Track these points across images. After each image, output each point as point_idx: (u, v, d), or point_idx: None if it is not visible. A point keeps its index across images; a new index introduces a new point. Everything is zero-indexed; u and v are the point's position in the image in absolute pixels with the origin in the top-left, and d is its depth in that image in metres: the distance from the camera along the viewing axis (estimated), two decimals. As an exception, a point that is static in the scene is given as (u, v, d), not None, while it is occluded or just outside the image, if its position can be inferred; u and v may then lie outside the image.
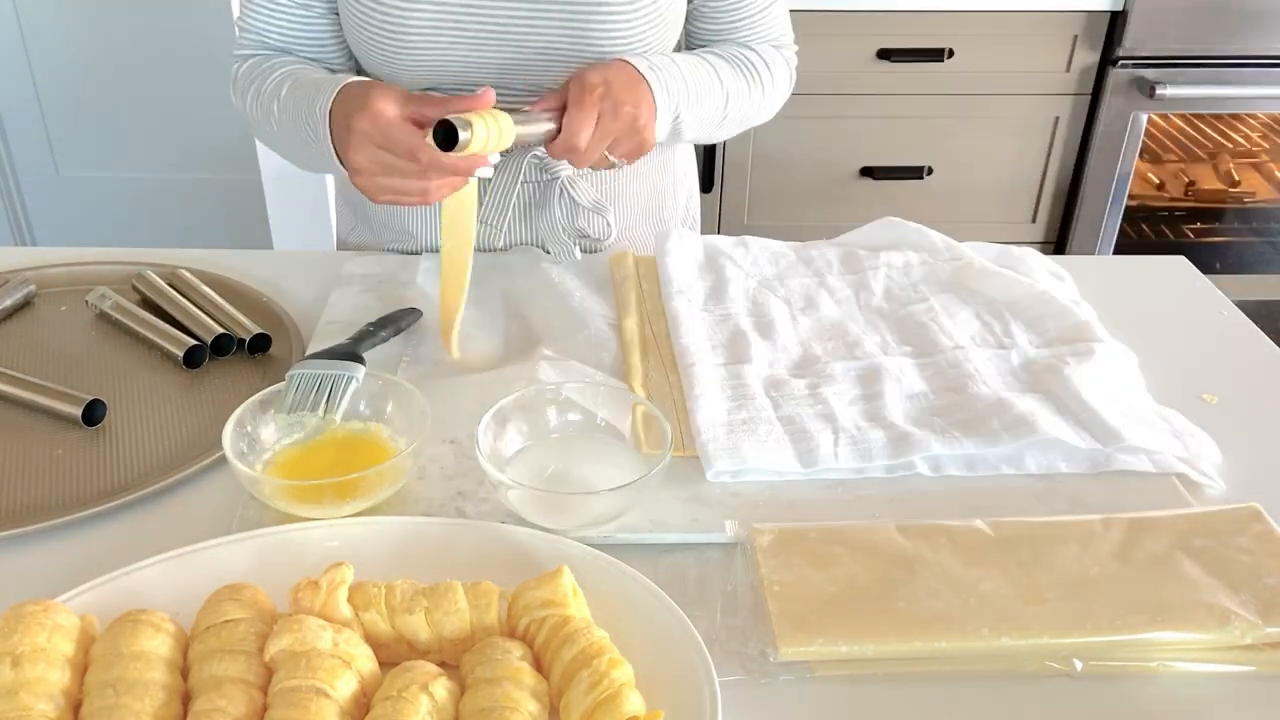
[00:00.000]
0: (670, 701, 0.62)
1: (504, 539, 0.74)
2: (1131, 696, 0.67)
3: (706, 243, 1.15)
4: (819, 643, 0.68)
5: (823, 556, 0.74)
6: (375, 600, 0.66)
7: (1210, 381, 0.98)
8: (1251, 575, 0.72)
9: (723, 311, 1.04)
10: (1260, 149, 2.40)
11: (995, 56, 2.11)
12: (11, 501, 0.81)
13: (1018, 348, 0.98)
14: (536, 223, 1.14)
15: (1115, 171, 2.20)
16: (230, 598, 0.66)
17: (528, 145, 0.95)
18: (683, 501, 0.81)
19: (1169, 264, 1.20)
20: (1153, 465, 0.85)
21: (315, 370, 0.87)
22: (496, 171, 1.04)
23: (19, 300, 1.06)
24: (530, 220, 1.15)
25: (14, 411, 0.91)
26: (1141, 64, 2.09)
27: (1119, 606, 0.70)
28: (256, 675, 0.63)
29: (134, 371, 0.97)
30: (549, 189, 1.11)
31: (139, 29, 2.64)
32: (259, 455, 0.82)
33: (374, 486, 0.78)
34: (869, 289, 1.08)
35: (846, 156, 2.22)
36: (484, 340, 1.01)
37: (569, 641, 0.63)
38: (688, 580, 0.75)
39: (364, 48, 1.05)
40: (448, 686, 0.62)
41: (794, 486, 0.83)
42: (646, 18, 1.04)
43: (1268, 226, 2.45)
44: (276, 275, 1.10)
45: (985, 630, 0.68)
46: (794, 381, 0.93)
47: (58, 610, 0.64)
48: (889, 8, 2.04)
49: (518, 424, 0.84)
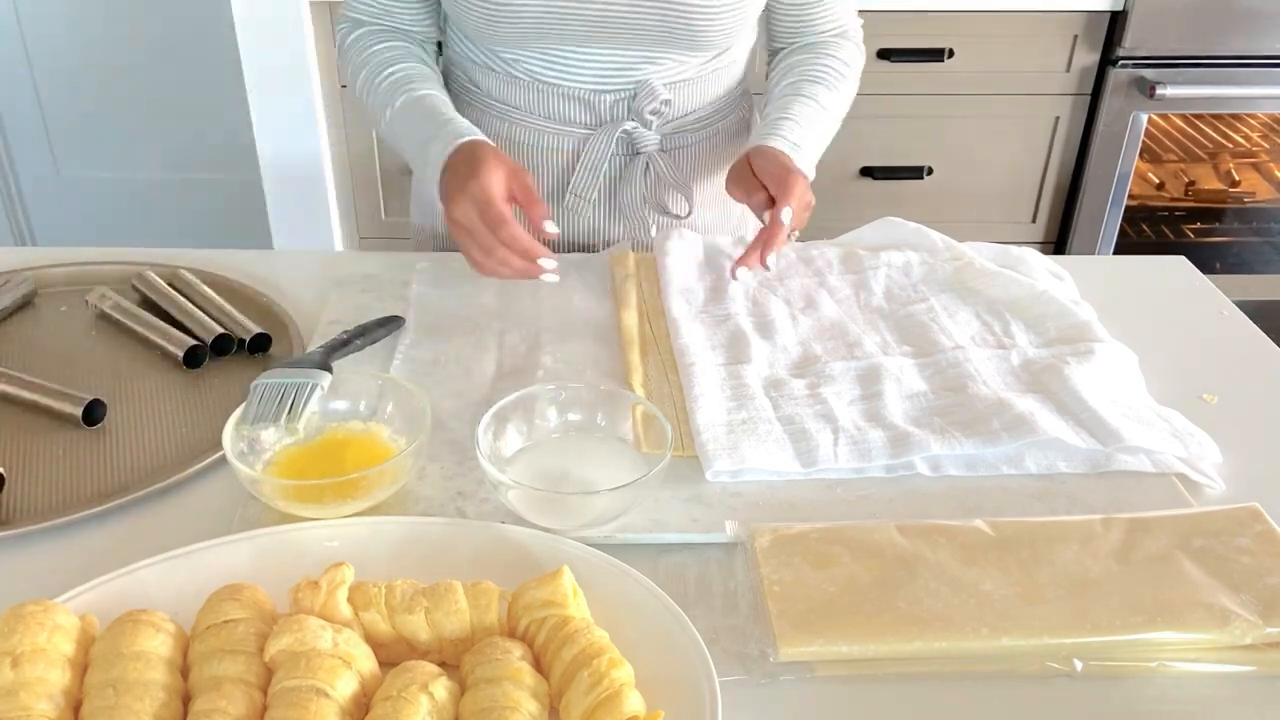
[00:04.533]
0: (670, 701, 0.62)
1: (504, 539, 0.74)
2: (1131, 696, 0.67)
3: (707, 243, 1.15)
4: (819, 643, 0.68)
5: (823, 556, 0.74)
6: (375, 600, 0.66)
7: (1210, 381, 0.98)
8: (1251, 575, 0.72)
9: (722, 311, 1.04)
10: (1260, 149, 2.40)
11: (995, 56, 2.11)
12: (11, 501, 0.81)
13: (1018, 348, 0.98)
14: (620, 195, 1.18)
15: (1115, 171, 2.20)
16: (230, 598, 0.66)
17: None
18: (683, 501, 0.81)
19: (1169, 264, 1.20)
20: (1152, 465, 0.85)
21: (279, 380, 0.85)
22: (589, 144, 1.14)
23: (19, 300, 1.06)
24: (614, 192, 1.19)
25: (14, 411, 0.91)
26: (1141, 64, 2.09)
27: (1119, 606, 0.70)
28: (256, 675, 0.63)
29: (134, 371, 0.97)
30: (634, 163, 1.16)
31: (139, 29, 2.64)
32: (259, 455, 0.82)
33: (374, 486, 0.78)
34: (869, 289, 1.08)
35: (846, 156, 2.22)
36: (483, 340, 1.01)
37: (569, 641, 0.63)
38: (688, 580, 0.75)
39: (465, 18, 1.10)
40: (448, 686, 0.62)
41: (794, 486, 0.83)
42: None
43: (1268, 226, 2.45)
44: (276, 275, 1.10)
45: (985, 630, 0.68)
46: (794, 381, 0.93)
47: (58, 610, 0.64)
48: (889, 8, 2.04)
49: (518, 424, 0.84)
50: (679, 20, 1.06)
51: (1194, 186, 2.44)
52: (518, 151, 1.18)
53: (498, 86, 1.16)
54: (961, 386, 0.92)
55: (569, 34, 1.08)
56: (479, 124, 1.11)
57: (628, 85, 1.13)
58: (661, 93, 1.12)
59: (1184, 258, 1.21)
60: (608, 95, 1.13)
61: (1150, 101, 2.10)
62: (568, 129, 1.15)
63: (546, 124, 1.15)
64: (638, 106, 1.13)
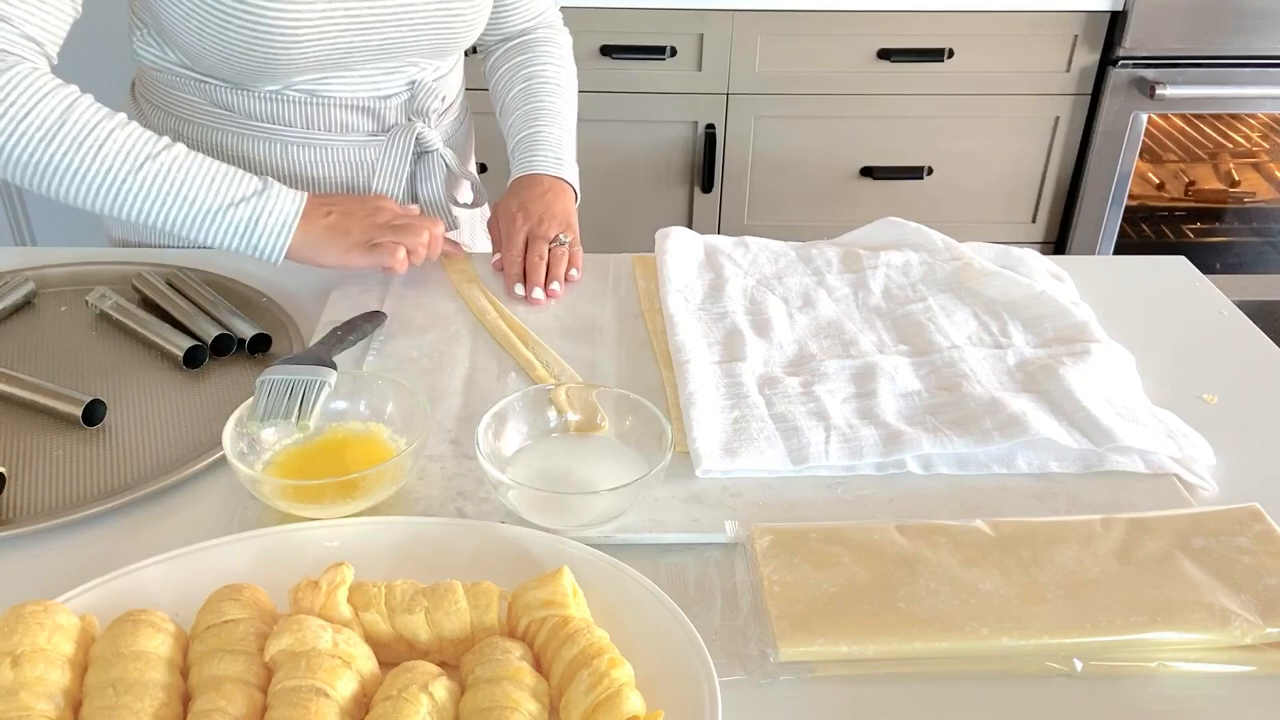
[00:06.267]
0: (670, 701, 0.62)
1: (504, 539, 0.74)
2: (1131, 696, 0.67)
3: (706, 242, 1.15)
4: (819, 643, 0.68)
5: (823, 557, 0.74)
6: (375, 600, 0.66)
7: (1210, 381, 0.98)
8: (1251, 575, 0.72)
9: (719, 310, 1.04)
10: (1260, 149, 2.40)
11: (995, 56, 2.11)
12: (11, 501, 0.81)
13: (1014, 348, 0.98)
14: (420, 194, 1.21)
15: (1115, 171, 2.20)
16: (230, 598, 0.66)
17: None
18: (683, 501, 0.81)
19: (1169, 264, 1.20)
20: (1145, 466, 0.85)
21: (286, 376, 0.85)
22: (385, 148, 1.16)
23: (19, 300, 1.06)
24: (412, 193, 1.21)
25: (14, 411, 0.91)
26: (1141, 64, 2.09)
27: (1119, 606, 0.70)
28: (256, 675, 0.63)
29: (134, 371, 0.97)
30: (427, 160, 1.19)
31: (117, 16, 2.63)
32: (259, 455, 0.82)
33: (374, 486, 0.78)
34: (868, 288, 1.08)
35: (846, 156, 2.22)
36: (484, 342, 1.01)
37: (569, 641, 0.63)
38: (688, 580, 0.75)
39: (241, 44, 1.01)
40: (448, 686, 0.62)
41: (794, 487, 0.83)
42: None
43: (1268, 226, 2.45)
44: (276, 275, 1.10)
45: (985, 630, 0.68)
46: (788, 379, 0.93)
47: (58, 610, 0.64)
48: (889, 8, 2.04)
49: (517, 424, 0.84)
50: (450, 38, 1.13)
51: (1194, 186, 2.44)
52: (293, 170, 1.15)
53: (260, 107, 1.11)
54: (956, 386, 0.92)
55: (348, 62, 1.09)
56: (227, 151, 1.12)
57: (404, 87, 1.16)
58: (437, 89, 1.17)
59: (1184, 258, 1.21)
60: (392, 99, 1.15)
61: (1150, 101, 2.10)
62: (349, 138, 1.15)
63: (327, 137, 1.14)
64: (420, 106, 1.16)
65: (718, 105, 2.14)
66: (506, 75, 1.26)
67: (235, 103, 1.11)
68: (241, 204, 0.97)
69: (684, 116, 2.16)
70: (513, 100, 1.25)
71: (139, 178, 0.95)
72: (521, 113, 1.23)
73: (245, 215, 0.97)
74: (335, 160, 1.16)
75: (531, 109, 1.23)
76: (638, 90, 2.12)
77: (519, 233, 1.12)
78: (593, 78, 2.01)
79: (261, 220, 0.98)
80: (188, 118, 1.14)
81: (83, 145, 0.94)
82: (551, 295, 1.07)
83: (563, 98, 1.25)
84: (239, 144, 1.13)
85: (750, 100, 2.14)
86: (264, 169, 1.14)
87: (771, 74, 2.11)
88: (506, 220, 1.14)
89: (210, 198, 0.96)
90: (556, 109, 1.24)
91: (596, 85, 2.07)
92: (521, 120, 1.23)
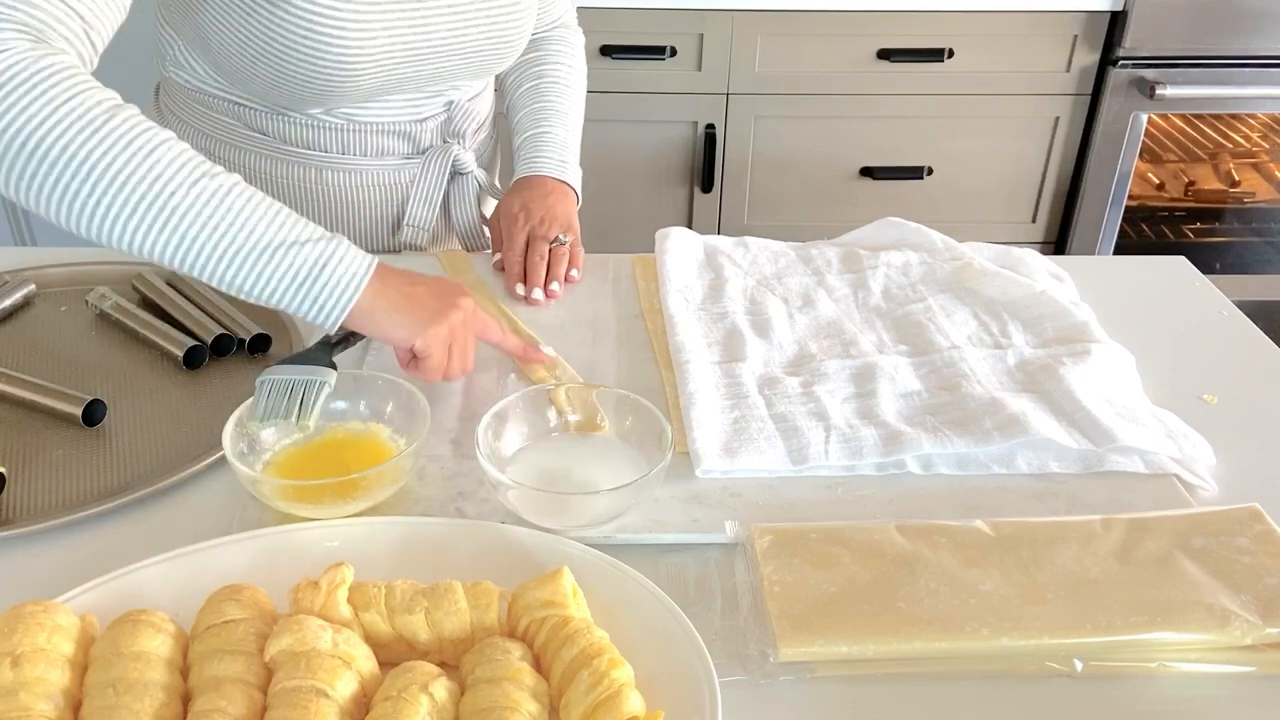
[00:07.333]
0: (670, 701, 0.62)
1: (504, 539, 0.74)
2: (1131, 696, 0.67)
3: (706, 242, 1.15)
4: (819, 643, 0.68)
5: (823, 557, 0.74)
6: (375, 600, 0.66)
7: (1210, 382, 0.98)
8: (1252, 575, 0.72)
9: (719, 310, 1.04)
10: (1260, 149, 2.40)
11: (995, 56, 2.11)
12: (12, 501, 0.81)
13: (1014, 348, 0.98)
14: (452, 216, 1.22)
15: (1115, 171, 2.20)
16: (230, 598, 0.66)
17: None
18: (683, 502, 0.81)
19: (1169, 264, 1.20)
20: (1145, 466, 0.85)
21: (286, 376, 0.84)
22: (421, 171, 1.16)
23: (19, 300, 1.06)
24: (446, 215, 1.22)
25: (14, 411, 0.91)
26: (1141, 64, 2.09)
27: (1119, 607, 0.70)
28: (256, 675, 0.63)
29: (134, 371, 0.97)
30: (460, 182, 1.20)
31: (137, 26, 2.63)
32: (259, 455, 0.82)
33: (374, 486, 0.78)
34: (868, 288, 1.08)
35: (846, 156, 2.22)
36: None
37: (569, 642, 0.63)
38: (688, 580, 0.75)
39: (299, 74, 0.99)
40: (448, 687, 0.62)
41: (794, 487, 0.83)
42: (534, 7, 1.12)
43: (1268, 226, 2.45)
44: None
45: (985, 630, 0.68)
46: (788, 379, 0.93)
47: (58, 610, 0.64)
48: (889, 8, 2.04)
49: (518, 424, 0.84)
50: (496, 61, 1.12)
51: (1194, 187, 2.44)
52: (325, 193, 1.15)
53: (297, 132, 1.10)
54: (956, 386, 0.92)
55: (397, 88, 1.08)
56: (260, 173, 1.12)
57: (441, 109, 1.16)
58: (472, 109, 1.17)
59: (1184, 258, 1.21)
60: (428, 122, 1.15)
61: (1150, 101, 2.10)
62: (384, 162, 1.15)
63: (364, 161, 1.14)
64: (456, 128, 1.17)
65: (718, 105, 2.14)
66: (516, 71, 1.26)
67: (271, 127, 1.10)
68: (308, 244, 0.80)
69: (684, 116, 2.16)
70: (521, 97, 1.24)
71: (193, 193, 0.77)
72: (529, 110, 1.23)
73: (310, 257, 0.80)
74: (369, 184, 1.15)
75: (540, 108, 1.23)
76: (638, 90, 2.12)
77: (520, 233, 1.12)
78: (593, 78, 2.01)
79: (329, 268, 0.81)
80: (219, 138, 1.12)
81: (131, 144, 0.76)
82: (551, 296, 1.07)
83: (571, 99, 1.25)
84: (272, 167, 1.12)
85: (750, 100, 2.14)
86: (297, 192, 1.13)
87: (771, 74, 2.11)
88: (508, 220, 1.14)
89: (272, 232, 0.79)
90: (564, 110, 1.24)
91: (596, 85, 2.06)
92: (529, 119, 1.22)
